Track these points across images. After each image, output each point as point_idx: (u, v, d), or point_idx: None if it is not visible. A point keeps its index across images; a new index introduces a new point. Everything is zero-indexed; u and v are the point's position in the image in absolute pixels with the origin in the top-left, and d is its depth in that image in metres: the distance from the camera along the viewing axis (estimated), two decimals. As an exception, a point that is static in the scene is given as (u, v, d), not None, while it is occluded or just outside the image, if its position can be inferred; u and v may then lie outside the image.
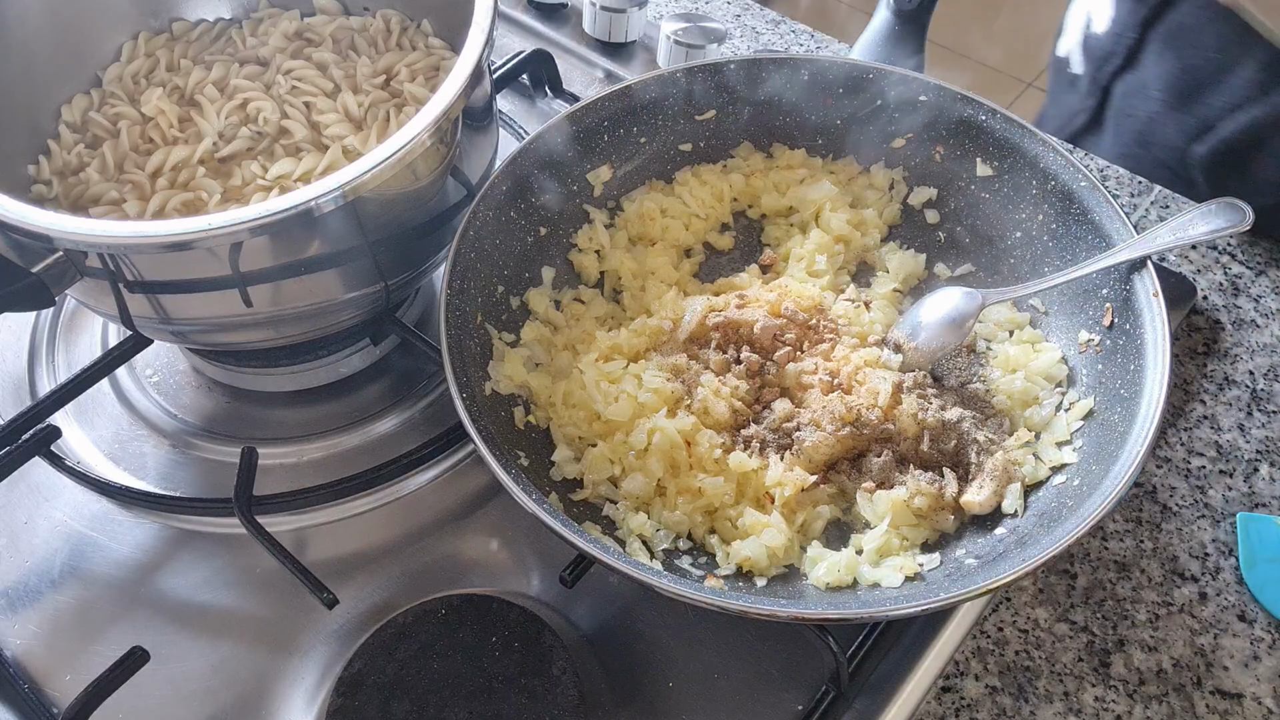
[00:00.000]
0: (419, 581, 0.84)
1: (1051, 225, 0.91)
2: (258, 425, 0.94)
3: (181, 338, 0.87)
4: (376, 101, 0.95)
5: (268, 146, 0.94)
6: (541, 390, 0.87)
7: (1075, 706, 0.79)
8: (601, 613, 0.82)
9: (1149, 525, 0.88)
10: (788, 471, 0.81)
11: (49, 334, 1.01)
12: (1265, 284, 1.05)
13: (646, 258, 0.97)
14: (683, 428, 0.82)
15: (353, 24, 1.02)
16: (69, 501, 0.89)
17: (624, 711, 0.77)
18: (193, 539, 0.87)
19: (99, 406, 0.95)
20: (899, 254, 0.98)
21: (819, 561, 0.78)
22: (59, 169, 0.92)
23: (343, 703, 0.71)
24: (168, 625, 0.82)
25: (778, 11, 1.36)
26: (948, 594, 0.69)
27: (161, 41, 1.01)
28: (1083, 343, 0.87)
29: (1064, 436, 0.83)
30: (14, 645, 0.81)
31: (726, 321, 0.88)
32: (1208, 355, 1.00)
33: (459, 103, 0.78)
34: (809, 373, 0.86)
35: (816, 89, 0.99)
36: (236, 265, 0.74)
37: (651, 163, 1.02)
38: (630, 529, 0.80)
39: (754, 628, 0.81)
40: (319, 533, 0.87)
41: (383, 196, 0.78)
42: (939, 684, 0.79)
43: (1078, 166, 0.89)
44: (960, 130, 0.96)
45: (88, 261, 0.74)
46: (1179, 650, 0.81)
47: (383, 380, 0.97)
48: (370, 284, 0.84)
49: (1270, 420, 0.95)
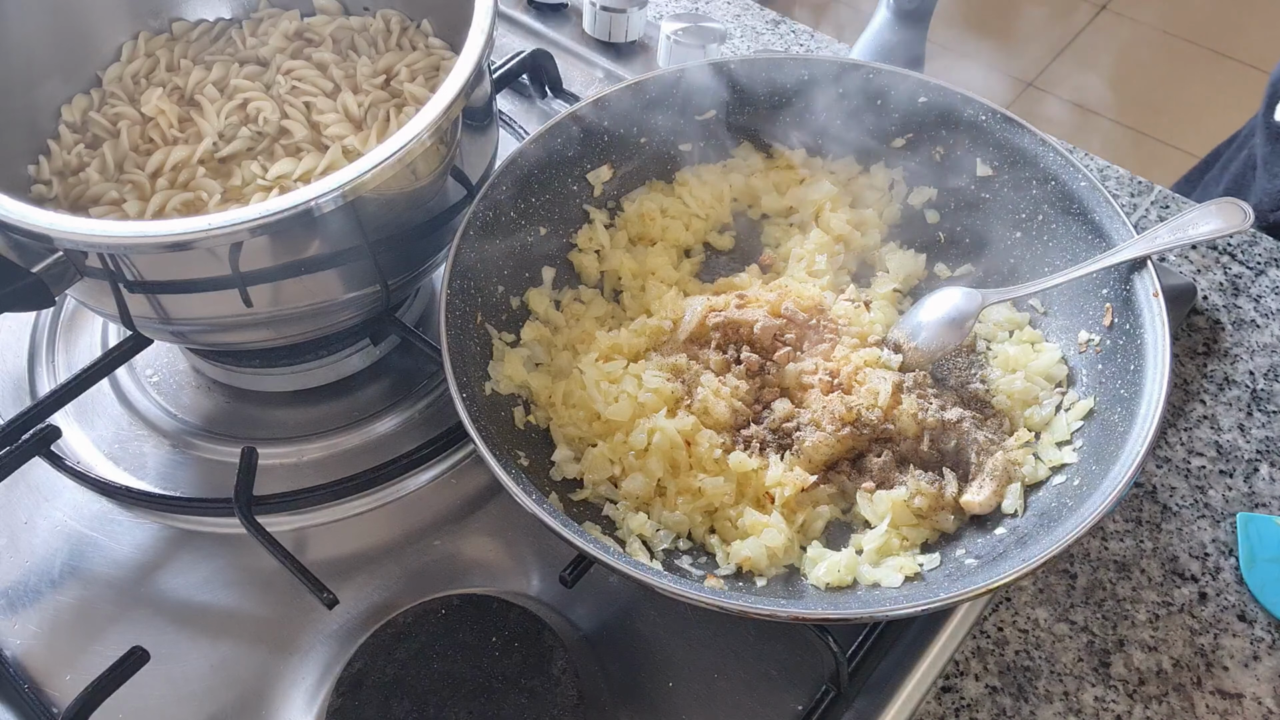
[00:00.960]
0: (419, 581, 0.84)
1: (1051, 225, 0.91)
2: (258, 425, 0.94)
3: (181, 338, 0.87)
4: (376, 101, 0.95)
5: (268, 146, 0.94)
6: (541, 390, 0.87)
7: (1075, 706, 0.79)
8: (601, 613, 0.82)
9: (1149, 525, 0.88)
10: (788, 471, 0.81)
11: (49, 334, 1.01)
12: (1265, 284, 1.05)
13: (646, 258, 0.97)
14: (683, 428, 0.82)
15: (353, 24, 1.02)
16: (69, 501, 0.89)
17: (624, 711, 0.77)
18: (193, 539, 0.87)
19: (99, 406, 0.95)
20: (899, 254, 0.98)
21: (819, 561, 0.78)
22: (59, 169, 0.92)
23: (343, 703, 0.71)
24: (168, 625, 0.82)
25: (778, 11, 1.36)
26: (948, 594, 0.69)
27: (161, 41, 1.01)
28: (1083, 343, 0.87)
29: (1064, 436, 0.83)
30: (14, 645, 0.81)
31: (726, 321, 0.88)
32: (1208, 355, 1.00)
33: (459, 103, 0.78)
34: (809, 373, 0.86)
35: (816, 89, 0.99)
36: (236, 265, 0.74)
37: (651, 163, 1.02)
38: (630, 529, 0.80)
39: (754, 628, 0.81)
40: (319, 533, 0.87)
41: (383, 196, 0.78)
42: (939, 684, 0.79)
43: (1078, 166, 0.89)
44: (960, 130, 0.96)
45: (88, 261, 0.74)
46: (1179, 650, 0.81)
47: (383, 380, 0.97)
48: (370, 284, 0.84)
49: (1270, 420, 0.95)
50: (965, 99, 0.95)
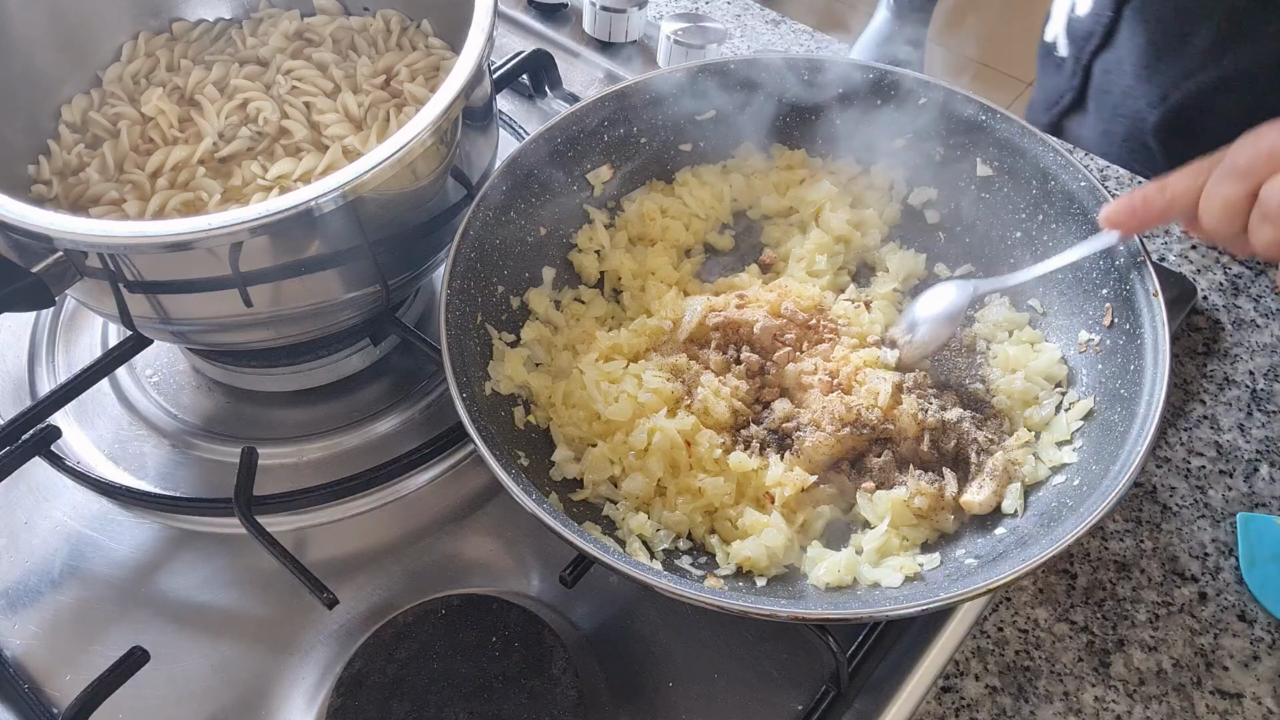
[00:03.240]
0: (419, 581, 0.84)
1: (1051, 225, 0.91)
2: (258, 425, 0.94)
3: (181, 338, 0.87)
4: (376, 101, 0.95)
5: (268, 146, 0.94)
6: (541, 390, 0.87)
7: (1075, 706, 0.79)
8: (601, 613, 0.82)
9: (1149, 525, 0.88)
10: (788, 471, 0.81)
11: (49, 334, 1.01)
12: (1265, 284, 1.05)
13: (646, 258, 0.97)
14: (683, 428, 0.82)
15: (353, 24, 1.02)
16: (69, 501, 0.89)
17: (624, 711, 0.77)
18: (193, 539, 0.87)
19: (99, 406, 0.95)
20: (899, 254, 0.98)
21: (819, 561, 0.78)
22: (59, 169, 0.92)
23: (343, 703, 0.71)
24: (168, 625, 0.82)
25: (778, 11, 1.36)
26: (948, 594, 0.69)
27: (161, 41, 1.01)
28: (1082, 342, 0.87)
29: (1064, 436, 0.83)
30: (14, 645, 0.81)
31: (726, 321, 0.88)
32: (1208, 355, 1.00)
33: (459, 103, 0.78)
34: (809, 373, 0.86)
35: (816, 89, 0.99)
36: (236, 265, 0.74)
37: (651, 163, 1.02)
38: (630, 529, 0.80)
39: (754, 628, 0.81)
40: (319, 533, 0.87)
41: (383, 196, 0.78)
42: (939, 684, 0.79)
43: (1078, 166, 0.89)
44: (960, 130, 0.96)
45: (88, 261, 0.74)
46: (1179, 650, 0.81)
47: (383, 380, 0.97)
48: (370, 284, 0.84)
49: (1270, 420, 0.95)
50: (965, 99, 0.95)
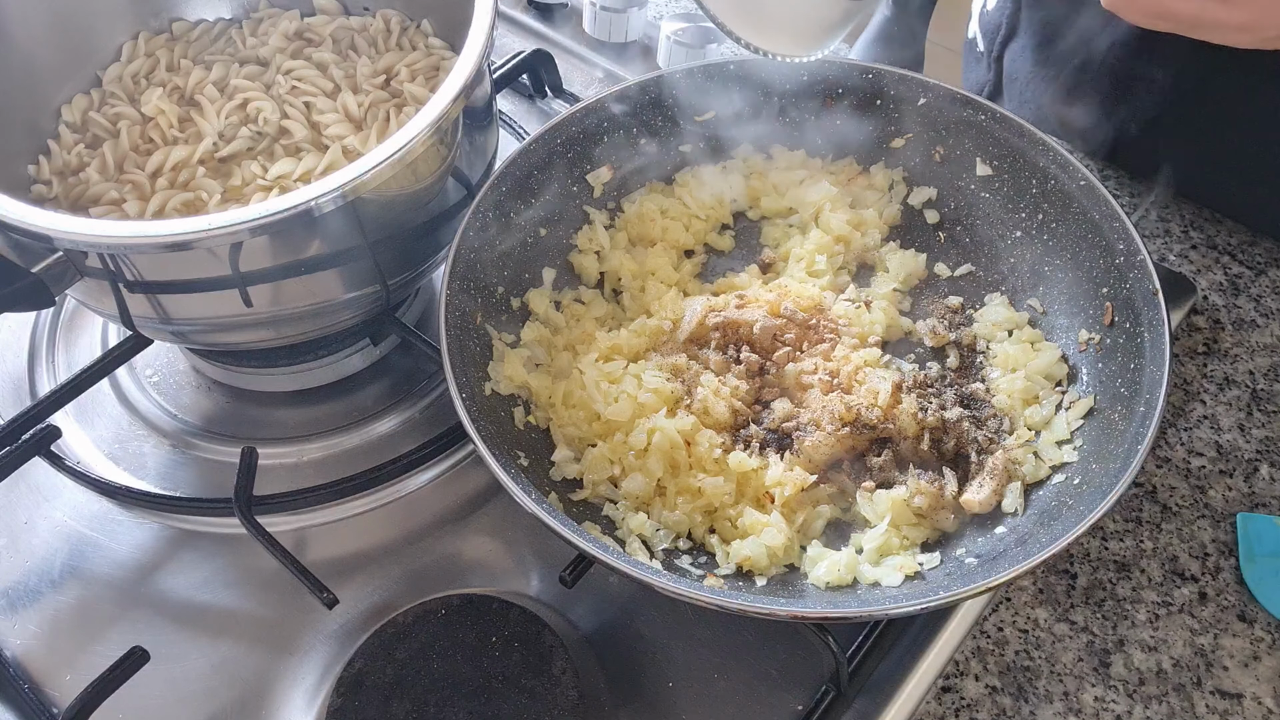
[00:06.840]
0: (419, 581, 0.84)
1: (1051, 225, 0.91)
2: (258, 425, 0.94)
3: (181, 338, 0.87)
4: (376, 101, 0.95)
5: (268, 146, 0.94)
6: (541, 390, 0.87)
7: (1075, 706, 0.79)
8: (601, 613, 0.82)
9: (1149, 525, 0.88)
10: (788, 471, 0.81)
11: (49, 334, 1.01)
12: (1265, 284, 1.05)
13: (646, 258, 0.97)
14: (683, 428, 0.82)
15: (353, 24, 1.02)
16: (69, 501, 0.89)
17: (624, 711, 0.77)
18: (193, 539, 0.87)
19: (99, 406, 0.95)
20: (899, 254, 0.98)
21: (819, 561, 0.78)
22: (59, 169, 0.92)
23: (343, 703, 0.71)
24: (168, 625, 0.82)
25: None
26: (948, 593, 0.69)
27: (161, 41, 1.01)
28: (1083, 341, 0.87)
29: (1064, 435, 0.83)
30: (14, 645, 0.81)
31: (726, 321, 0.88)
32: (1208, 355, 1.00)
33: (459, 103, 0.78)
34: (809, 373, 0.86)
35: (816, 89, 0.99)
36: (236, 265, 0.74)
37: (651, 164, 1.02)
38: (630, 529, 0.80)
39: (754, 628, 0.81)
40: (319, 533, 0.87)
41: (383, 196, 0.78)
42: (939, 684, 0.79)
43: (1078, 166, 0.89)
44: (960, 130, 0.96)
45: (88, 261, 0.74)
46: (1179, 650, 0.81)
47: (383, 380, 0.97)
48: (370, 284, 0.84)
49: (1270, 420, 0.95)
50: (965, 99, 0.95)
